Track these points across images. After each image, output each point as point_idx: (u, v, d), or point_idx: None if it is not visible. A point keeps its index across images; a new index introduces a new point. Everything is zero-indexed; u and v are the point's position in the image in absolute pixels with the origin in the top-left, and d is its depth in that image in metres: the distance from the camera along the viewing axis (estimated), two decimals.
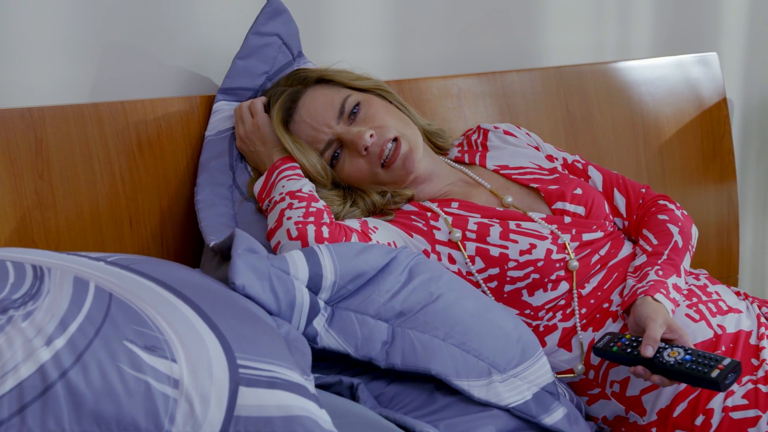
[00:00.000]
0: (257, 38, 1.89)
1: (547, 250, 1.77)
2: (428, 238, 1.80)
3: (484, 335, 1.60)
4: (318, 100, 1.81)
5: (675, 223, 1.87)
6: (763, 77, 2.92)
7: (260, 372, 1.26)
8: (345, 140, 1.79)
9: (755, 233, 3.02)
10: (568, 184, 1.89)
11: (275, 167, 1.77)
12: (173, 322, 1.27)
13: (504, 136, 2.01)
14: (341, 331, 1.55)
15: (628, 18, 2.63)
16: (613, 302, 1.78)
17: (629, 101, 2.47)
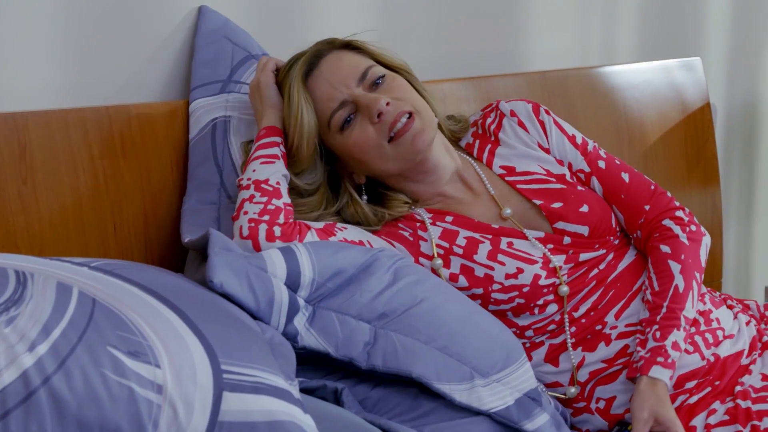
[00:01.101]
0: (205, 44, 1.90)
1: (535, 276, 1.74)
2: (412, 248, 1.77)
3: (468, 339, 1.60)
4: (343, 60, 1.77)
5: (677, 259, 1.78)
6: (746, 82, 2.94)
7: (244, 377, 1.26)
8: (360, 104, 1.72)
9: (738, 237, 3.03)
10: (575, 199, 1.82)
11: (258, 137, 1.76)
12: (157, 327, 1.27)
13: (517, 129, 1.89)
14: (322, 331, 1.54)
15: (612, 23, 2.64)
16: (607, 324, 1.77)
17: (614, 106, 2.48)
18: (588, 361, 1.76)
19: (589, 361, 1.76)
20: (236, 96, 1.89)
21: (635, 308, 1.78)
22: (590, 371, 1.76)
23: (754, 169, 3.03)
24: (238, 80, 1.91)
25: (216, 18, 1.92)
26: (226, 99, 1.89)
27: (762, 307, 1.93)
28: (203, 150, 1.85)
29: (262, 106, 1.78)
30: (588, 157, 1.89)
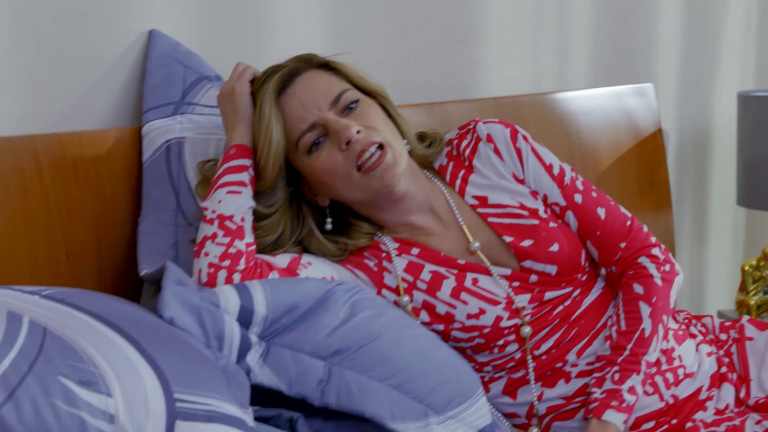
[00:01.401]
0: (156, 67, 1.89)
1: (497, 317, 1.73)
2: (376, 279, 1.75)
3: (424, 376, 1.59)
4: (317, 81, 1.72)
5: (648, 301, 1.76)
6: (697, 108, 2.97)
7: (197, 405, 1.26)
8: (330, 128, 1.68)
9: (691, 261, 3.06)
10: (546, 237, 1.77)
11: (227, 155, 1.70)
12: (109, 356, 1.26)
13: (492, 156, 1.82)
14: (275, 368, 1.53)
15: (565, 49, 2.66)
16: (568, 362, 1.76)
17: (567, 131, 2.49)
18: (546, 396, 1.76)
19: (547, 396, 1.76)
20: (190, 117, 1.88)
21: (597, 346, 1.77)
22: (548, 406, 1.76)
23: (705, 193, 3.06)
24: (191, 102, 1.90)
25: (166, 41, 1.91)
26: (180, 121, 1.87)
27: (717, 327, 1.93)
28: (158, 172, 1.83)
29: (234, 116, 1.73)
30: (564, 190, 1.82)
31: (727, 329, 1.92)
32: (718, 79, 2.99)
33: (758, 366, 1.83)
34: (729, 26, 2.99)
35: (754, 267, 2.63)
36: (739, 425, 1.67)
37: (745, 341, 1.88)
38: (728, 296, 3.16)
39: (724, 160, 3.02)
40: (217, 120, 1.85)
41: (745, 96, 2.70)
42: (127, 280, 1.83)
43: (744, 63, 3.06)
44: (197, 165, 1.82)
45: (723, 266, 3.16)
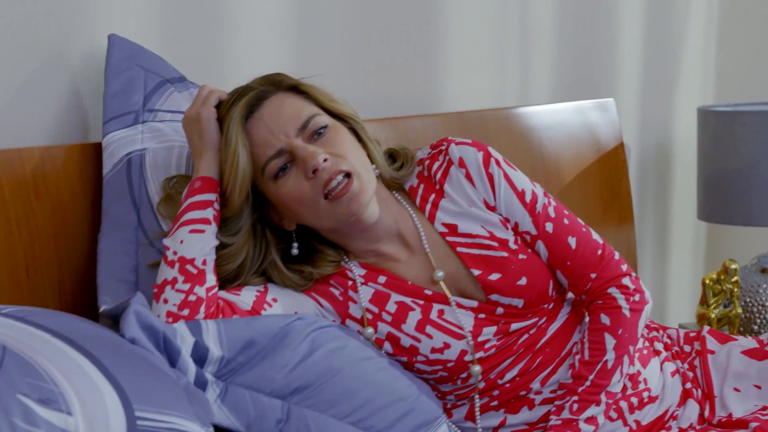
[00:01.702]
0: (116, 74, 1.85)
1: (461, 352, 1.72)
2: (340, 309, 1.74)
3: (384, 411, 1.59)
4: (285, 105, 1.68)
5: (614, 333, 1.74)
6: (658, 123, 2.99)
7: (159, 423, 1.25)
8: (297, 155, 1.64)
9: (653, 275, 3.08)
10: (515, 270, 1.74)
11: (192, 189, 1.67)
12: (69, 374, 1.25)
13: (464, 181, 1.79)
14: (233, 409, 1.51)
15: (528, 64, 2.67)
16: (532, 390, 1.75)
17: (530, 146, 2.50)
18: (510, 422, 1.76)
19: (510, 422, 1.76)
20: (151, 126, 1.84)
21: (562, 374, 1.76)
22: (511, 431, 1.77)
23: (667, 207, 3.08)
24: (153, 108, 1.86)
25: (126, 46, 1.87)
26: (141, 130, 1.83)
27: (682, 338, 1.93)
28: (118, 187, 1.80)
29: (200, 143, 1.69)
30: (536, 219, 1.79)
31: (691, 340, 1.92)
32: (679, 94, 3.02)
33: (721, 382, 1.84)
34: (689, 42, 3.02)
35: (715, 281, 2.65)
36: None
37: (707, 354, 1.88)
38: (689, 309, 3.18)
39: (684, 175, 3.05)
40: (179, 126, 1.83)
41: (705, 111, 2.73)
42: (88, 297, 1.81)
43: (704, 78, 3.09)
44: (162, 182, 1.80)
45: (684, 280, 3.18)
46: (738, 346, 1.89)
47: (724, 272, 2.65)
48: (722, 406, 1.81)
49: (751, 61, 3.16)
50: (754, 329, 2.74)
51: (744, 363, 1.85)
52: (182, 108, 1.86)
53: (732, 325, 2.67)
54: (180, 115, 1.84)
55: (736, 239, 3.19)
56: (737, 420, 1.73)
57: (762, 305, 2.74)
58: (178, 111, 1.86)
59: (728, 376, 1.84)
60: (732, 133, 2.64)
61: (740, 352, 1.87)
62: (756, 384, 1.82)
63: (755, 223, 2.68)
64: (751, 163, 2.62)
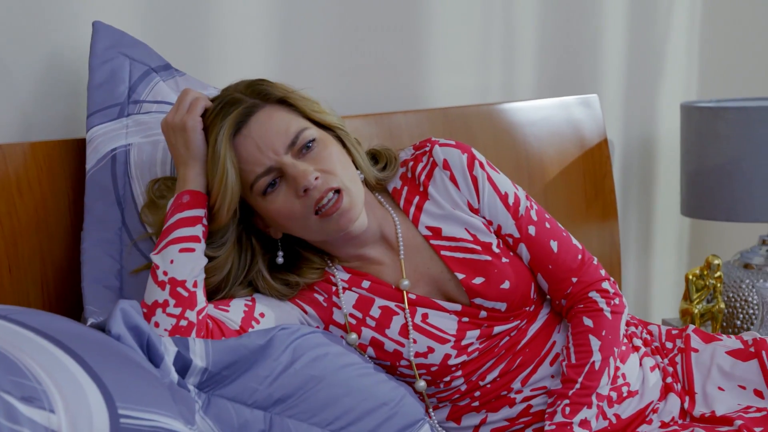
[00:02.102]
0: (101, 63, 1.82)
1: (445, 356, 1.72)
2: (324, 315, 1.74)
3: (367, 416, 1.60)
4: (273, 120, 1.65)
5: (598, 334, 1.75)
6: (642, 118, 3.00)
7: (142, 421, 1.25)
8: (287, 174, 1.63)
9: (637, 270, 3.09)
10: (498, 274, 1.75)
11: (179, 203, 1.64)
12: (52, 372, 1.24)
13: (448, 183, 1.78)
14: (217, 420, 1.51)
15: (511, 60, 2.68)
16: (513, 389, 1.76)
17: (514, 142, 2.51)
18: (490, 419, 1.77)
19: (491, 419, 1.77)
20: (136, 119, 1.83)
21: (542, 373, 1.77)
22: (492, 429, 1.77)
23: (650, 203, 3.09)
24: (138, 99, 1.84)
25: (110, 33, 1.84)
26: (126, 124, 1.82)
27: (663, 334, 1.94)
28: (102, 184, 1.79)
29: (186, 152, 1.66)
30: (519, 222, 1.79)
31: (673, 338, 1.93)
32: (662, 90, 3.03)
33: (703, 380, 1.84)
34: (672, 38, 3.03)
35: (698, 276, 2.66)
36: None
37: (691, 352, 1.89)
38: (673, 305, 3.19)
39: (668, 170, 3.06)
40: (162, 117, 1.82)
41: (688, 107, 2.74)
42: (71, 293, 1.81)
43: (687, 74, 3.10)
44: (148, 184, 1.78)
45: (667, 275, 3.19)
46: (722, 346, 1.89)
47: (707, 267, 2.66)
48: (704, 403, 1.81)
49: (734, 57, 3.17)
50: (736, 324, 2.75)
51: (729, 363, 1.86)
52: (168, 98, 1.85)
53: (715, 320, 2.68)
54: (166, 105, 1.83)
55: (719, 235, 3.21)
56: (721, 417, 1.74)
57: (745, 300, 2.75)
58: (163, 101, 1.85)
59: (712, 375, 1.85)
60: (715, 128, 2.65)
61: (725, 353, 1.88)
62: (741, 384, 1.82)
63: (738, 218, 2.68)
64: (735, 158, 2.63)
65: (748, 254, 2.81)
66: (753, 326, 2.70)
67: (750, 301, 2.74)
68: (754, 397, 1.80)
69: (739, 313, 2.76)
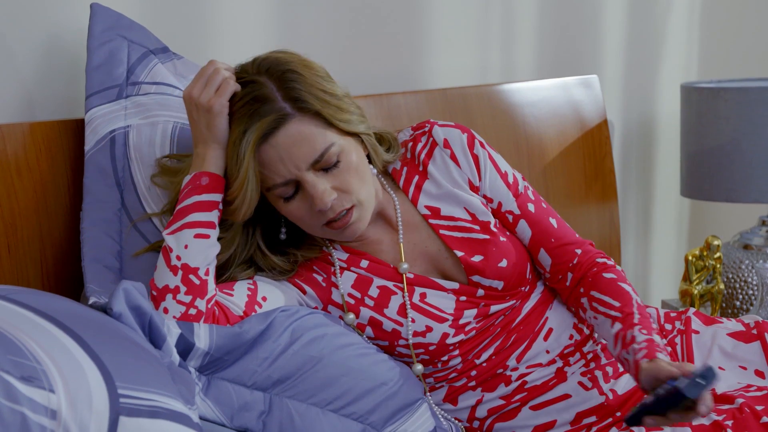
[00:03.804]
0: (99, 45, 1.82)
1: (443, 335, 1.73)
2: (323, 295, 1.74)
3: (366, 395, 1.61)
4: (302, 136, 1.60)
5: (625, 282, 1.78)
6: (642, 99, 3.00)
7: (142, 401, 1.25)
8: (306, 189, 1.62)
9: (636, 251, 3.09)
10: (496, 252, 1.76)
11: (197, 184, 1.62)
12: (52, 351, 1.24)
13: (449, 162, 1.80)
14: (217, 401, 1.52)
15: (511, 41, 2.67)
16: (509, 367, 1.76)
17: (513, 123, 2.50)
18: (486, 399, 1.77)
19: (487, 399, 1.77)
20: (135, 100, 1.82)
21: (537, 349, 1.78)
22: (488, 408, 1.77)
23: (650, 184, 3.09)
24: (137, 81, 1.84)
25: (108, 15, 1.84)
26: (125, 106, 1.82)
27: (662, 317, 1.95)
28: (101, 165, 1.78)
29: (208, 133, 1.62)
30: (519, 199, 1.83)
31: (672, 320, 1.94)
32: (662, 71, 3.02)
33: (704, 359, 1.85)
34: (673, 18, 3.02)
35: (697, 257, 2.66)
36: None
37: (692, 334, 1.89)
38: (672, 286, 3.20)
39: (668, 151, 3.05)
40: (163, 99, 1.82)
41: (688, 87, 2.73)
42: (71, 274, 1.81)
43: (687, 55, 3.09)
44: (156, 161, 1.77)
45: (667, 256, 3.19)
46: (723, 328, 1.90)
47: (706, 248, 2.66)
48: None
49: (734, 38, 3.16)
50: (736, 305, 2.76)
51: (731, 344, 1.86)
52: (166, 80, 1.85)
53: (714, 301, 2.68)
54: (164, 87, 1.83)
55: (718, 215, 3.21)
56: (722, 395, 1.75)
57: (744, 281, 2.75)
58: (162, 83, 1.84)
59: (713, 355, 1.85)
60: (715, 109, 2.65)
61: (726, 334, 1.88)
62: (741, 365, 1.83)
63: (738, 199, 2.68)
64: (734, 139, 2.63)
65: (747, 235, 2.81)
66: (753, 307, 2.70)
67: (749, 282, 2.75)
68: (755, 377, 1.81)
69: (739, 293, 2.76)
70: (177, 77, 1.88)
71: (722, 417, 1.65)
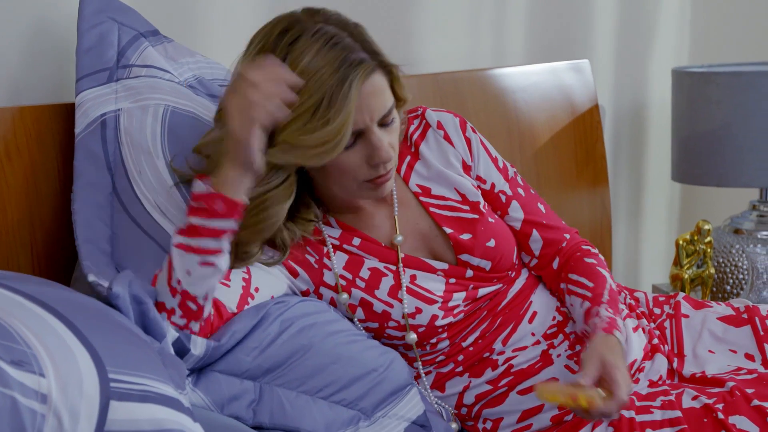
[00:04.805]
0: (89, 27, 1.80)
1: (432, 317, 1.73)
2: (315, 277, 1.74)
3: (355, 382, 1.62)
4: (381, 89, 1.63)
5: (604, 268, 1.82)
6: (633, 84, 3.00)
7: (132, 386, 1.25)
8: (372, 142, 1.62)
9: (627, 236, 3.09)
10: (485, 232, 1.78)
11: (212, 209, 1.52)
12: (42, 336, 1.24)
13: (442, 142, 1.83)
14: (207, 391, 1.53)
15: (502, 25, 2.67)
16: (495, 350, 1.77)
17: (504, 108, 2.50)
18: (473, 384, 1.78)
19: (474, 384, 1.78)
20: (126, 83, 1.80)
21: (522, 332, 1.78)
22: (476, 394, 1.78)
23: (641, 169, 3.09)
24: (127, 63, 1.82)
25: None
26: (115, 89, 1.80)
27: (651, 301, 1.95)
28: (92, 149, 1.76)
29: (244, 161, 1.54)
30: (510, 183, 1.87)
31: (661, 304, 1.94)
32: (653, 56, 3.02)
33: (693, 342, 1.86)
34: (664, 3, 3.02)
35: (688, 241, 2.67)
36: (675, 400, 1.69)
37: (681, 318, 1.90)
38: (663, 270, 3.20)
39: (659, 136, 3.06)
40: (154, 82, 1.81)
41: (680, 72, 2.73)
42: (61, 257, 1.81)
43: (678, 39, 3.09)
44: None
45: (658, 241, 3.20)
46: (713, 312, 1.91)
47: (697, 233, 2.67)
48: (695, 363, 1.82)
49: (725, 22, 3.16)
50: (726, 289, 2.76)
51: (721, 328, 1.88)
52: (157, 63, 1.84)
53: (705, 286, 2.69)
54: (155, 70, 1.82)
55: (709, 200, 3.21)
56: (712, 377, 1.75)
57: (735, 266, 2.76)
58: (153, 66, 1.83)
59: (703, 338, 1.86)
60: (706, 94, 2.65)
61: (716, 318, 1.89)
62: (732, 348, 1.84)
63: (729, 184, 2.69)
64: (725, 124, 2.63)
65: (738, 219, 2.81)
66: (743, 291, 2.71)
67: (740, 267, 2.75)
68: (745, 360, 1.82)
69: (729, 278, 2.77)
70: (168, 60, 1.88)
71: (713, 400, 1.65)
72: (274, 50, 1.61)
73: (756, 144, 2.62)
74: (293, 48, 1.60)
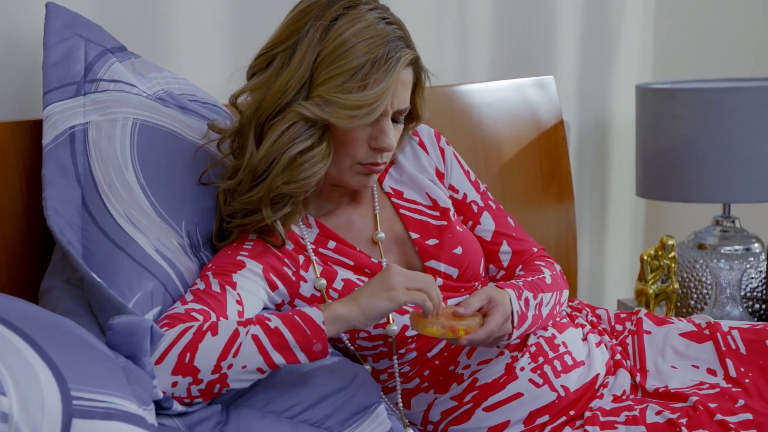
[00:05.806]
0: (56, 42, 1.80)
1: (403, 327, 1.75)
2: (291, 289, 1.74)
3: (322, 401, 1.61)
4: (409, 83, 1.71)
5: (551, 269, 1.87)
6: (597, 100, 3.02)
7: (95, 403, 1.24)
8: (382, 128, 1.68)
9: (592, 251, 3.11)
10: (452, 239, 1.81)
11: (309, 347, 1.52)
12: (3, 354, 1.23)
13: (417, 149, 1.90)
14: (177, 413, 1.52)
15: (467, 42, 2.68)
16: (460, 364, 1.77)
17: (470, 124, 2.51)
18: (439, 400, 1.78)
19: (440, 400, 1.78)
20: (94, 97, 1.80)
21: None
22: (441, 411, 1.78)
23: (606, 183, 3.11)
24: (95, 78, 1.81)
25: (64, 14, 1.83)
26: (83, 102, 1.79)
27: (612, 318, 1.97)
28: (61, 161, 1.74)
29: (373, 319, 1.56)
30: (481, 196, 1.93)
31: (623, 321, 1.96)
32: (617, 72, 3.05)
33: (655, 358, 1.87)
34: (627, 20, 3.05)
35: (653, 256, 2.68)
36: (639, 415, 1.69)
37: (643, 334, 1.92)
38: (628, 285, 3.22)
39: (623, 152, 3.08)
40: (121, 96, 1.81)
41: (643, 88, 2.76)
42: (24, 276, 1.79)
43: (642, 56, 3.12)
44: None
45: (623, 256, 3.22)
46: (675, 328, 1.93)
47: (661, 248, 2.68)
48: (657, 377, 1.83)
49: (688, 39, 3.19)
50: (690, 304, 2.78)
51: (683, 344, 1.89)
52: (125, 79, 1.84)
53: (669, 301, 2.71)
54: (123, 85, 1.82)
55: (673, 215, 3.24)
56: (675, 392, 1.76)
57: (698, 281, 2.78)
58: (121, 81, 1.83)
59: (665, 353, 1.87)
60: (669, 110, 2.67)
61: (678, 335, 1.91)
62: (694, 364, 1.85)
63: (692, 199, 2.71)
64: (689, 139, 2.65)
65: (701, 234, 2.84)
66: (707, 306, 2.73)
67: (704, 281, 2.77)
68: (708, 375, 1.83)
69: (693, 293, 2.78)
70: (136, 75, 1.87)
71: (676, 415, 1.66)
72: (331, 6, 1.66)
73: (719, 160, 2.64)
74: (349, 12, 1.66)
